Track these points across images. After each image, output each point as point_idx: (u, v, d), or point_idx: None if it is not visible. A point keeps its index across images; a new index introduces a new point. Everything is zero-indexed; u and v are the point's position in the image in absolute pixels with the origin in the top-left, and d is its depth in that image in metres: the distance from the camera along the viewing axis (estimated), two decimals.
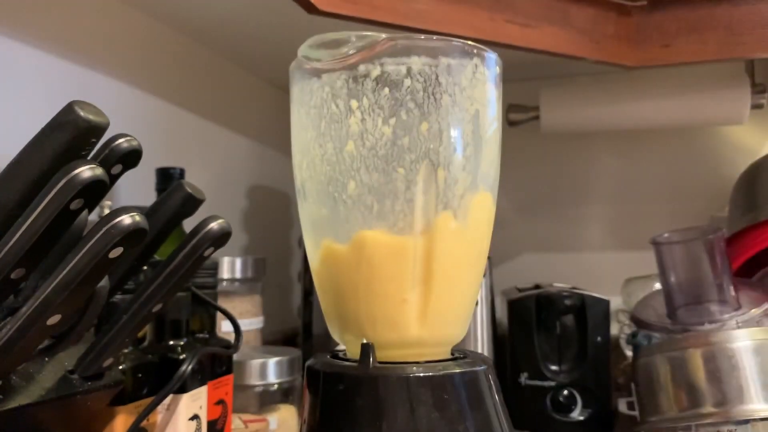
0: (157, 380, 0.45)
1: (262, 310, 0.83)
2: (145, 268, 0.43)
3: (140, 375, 0.44)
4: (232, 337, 0.54)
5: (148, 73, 0.79)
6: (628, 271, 0.93)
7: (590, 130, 1.02)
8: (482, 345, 0.84)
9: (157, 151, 0.80)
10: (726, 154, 1.05)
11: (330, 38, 0.39)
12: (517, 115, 1.05)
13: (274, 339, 0.97)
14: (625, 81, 0.98)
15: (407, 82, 0.39)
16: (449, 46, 0.41)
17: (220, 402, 0.53)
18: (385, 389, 0.39)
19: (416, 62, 0.39)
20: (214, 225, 0.37)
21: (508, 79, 0.46)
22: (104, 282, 0.36)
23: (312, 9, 0.64)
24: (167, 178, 0.64)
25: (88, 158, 0.34)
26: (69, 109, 0.32)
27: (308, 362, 0.44)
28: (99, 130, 0.32)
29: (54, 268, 0.31)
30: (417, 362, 0.42)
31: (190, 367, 0.45)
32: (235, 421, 0.61)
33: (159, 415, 0.46)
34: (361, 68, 0.40)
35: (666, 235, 0.70)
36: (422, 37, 0.40)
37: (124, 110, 0.75)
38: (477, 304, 0.81)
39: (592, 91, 0.98)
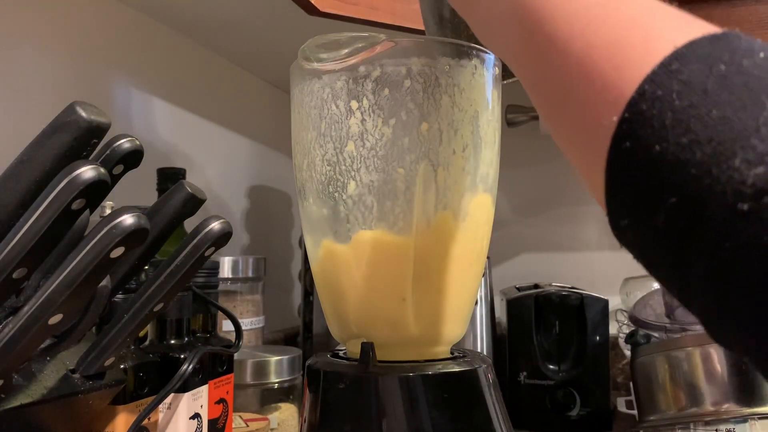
0: (159, 379, 0.45)
1: (263, 309, 0.83)
2: (146, 267, 0.44)
3: (141, 374, 0.44)
4: (232, 337, 0.55)
5: (149, 74, 0.79)
6: (626, 270, 0.93)
7: None
8: (481, 344, 0.85)
9: (158, 151, 0.80)
10: None
11: (330, 39, 0.40)
12: (516, 115, 1.05)
13: (274, 338, 0.98)
14: None
15: (407, 82, 0.40)
16: (448, 48, 0.41)
17: (221, 401, 0.53)
18: (385, 388, 0.39)
19: (416, 63, 0.40)
20: (215, 225, 0.38)
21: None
22: (106, 281, 0.36)
23: (312, 10, 0.64)
24: (168, 178, 0.64)
25: (90, 158, 0.34)
26: (71, 109, 0.32)
27: (309, 361, 0.44)
28: (100, 130, 0.33)
29: (56, 268, 0.31)
30: (417, 361, 0.42)
31: (191, 367, 0.46)
32: (236, 420, 0.61)
33: (160, 414, 0.46)
34: (361, 69, 0.40)
35: None
36: (422, 38, 0.41)
37: (125, 110, 0.75)
38: (476, 303, 0.82)
39: None
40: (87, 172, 0.30)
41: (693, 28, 0.23)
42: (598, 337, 0.80)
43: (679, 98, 0.21)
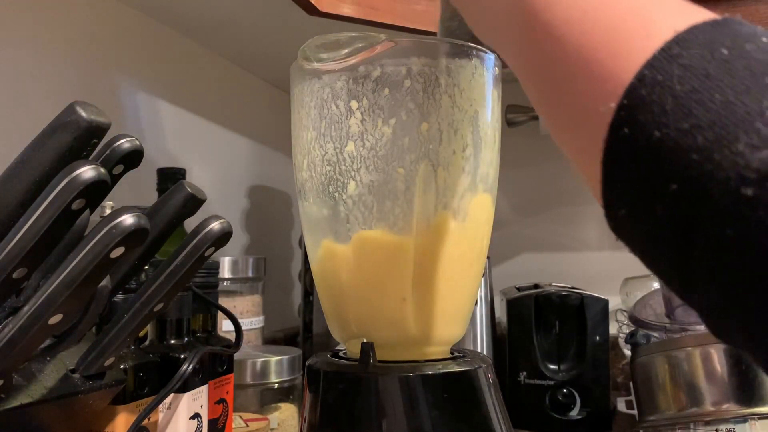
0: (159, 379, 0.45)
1: (263, 309, 0.83)
2: (146, 267, 0.44)
3: (141, 374, 0.44)
4: (232, 337, 0.55)
5: (149, 74, 0.79)
6: (626, 270, 0.93)
7: None
8: (481, 344, 0.85)
9: (158, 151, 0.80)
10: None
11: (330, 39, 0.40)
12: (517, 115, 1.05)
13: (274, 338, 0.98)
14: None
15: (407, 82, 0.40)
16: (448, 48, 0.41)
17: (221, 401, 0.53)
18: (384, 388, 0.39)
19: (416, 63, 0.40)
20: (215, 225, 0.37)
21: (507, 79, 0.46)
22: (106, 281, 0.36)
23: (312, 10, 0.64)
24: (168, 178, 0.64)
25: (90, 158, 0.34)
26: (71, 109, 0.32)
27: (309, 361, 0.44)
28: (100, 130, 0.33)
29: (56, 268, 0.31)
30: (416, 361, 0.42)
31: (191, 367, 0.46)
32: (236, 420, 0.61)
33: (160, 414, 0.46)
34: (361, 69, 0.40)
35: None
36: (422, 38, 0.41)
37: (125, 111, 0.75)
38: (476, 303, 0.82)
39: None
40: (87, 172, 0.30)
41: (694, 14, 0.22)
42: (598, 337, 0.80)
43: (680, 83, 0.20)
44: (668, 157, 0.20)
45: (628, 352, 0.75)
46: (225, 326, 0.70)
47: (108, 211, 0.43)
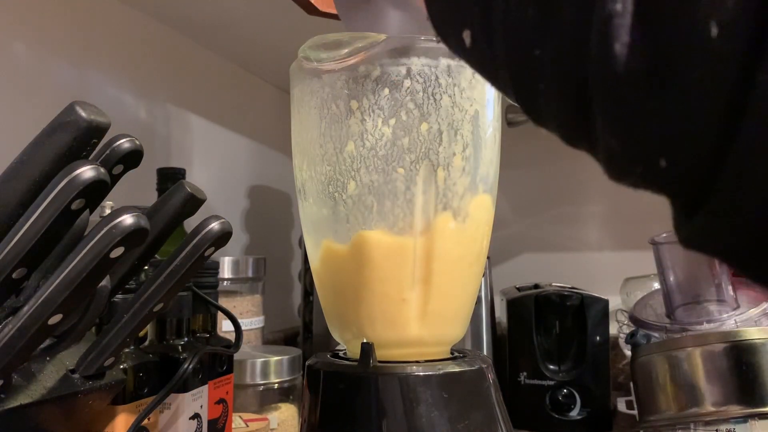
0: (158, 379, 0.45)
1: (263, 309, 0.83)
2: (146, 267, 0.43)
3: (141, 374, 0.44)
4: (232, 337, 0.55)
5: (148, 73, 0.79)
6: (627, 270, 0.93)
7: None
8: (481, 344, 0.85)
9: (158, 151, 0.80)
10: None
11: (330, 39, 0.40)
12: (517, 115, 1.05)
13: (274, 338, 0.98)
14: None
15: (407, 82, 0.40)
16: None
17: (221, 401, 0.53)
18: (384, 388, 0.39)
19: (416, 63, 0.40)
20: (215, 225, 0.37)
21: None
22: (105, 281, 0.36)
23: (312, 10, 0.64)
24: (168, 178, 0.64)
25: (90, 158, 0.34)
26: (70, 109, 0.32)
27: (308, 361, 0.44)
28: (100, 130, 0.33)
29: (55, 268, 0.31)
30: (417, 361, 0.42)
31: (191, 367, 0.46)
32: (236, 420, 0.61)
33: (160, 414, 0.46)
34: (362, 69, 0.40)
35: (665, 234, 0.70)
36: (422, 38, 0.41)
37: (125, 110, 0.75)
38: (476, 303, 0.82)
39: None
40: (87, 172, 0.30)
41: None
42: (598, 337, 0.80)
43: None
44: None
45: (628, 352, 0.75)
46: (225, 326, 0.70)
47: (108, 211, 0.43)
